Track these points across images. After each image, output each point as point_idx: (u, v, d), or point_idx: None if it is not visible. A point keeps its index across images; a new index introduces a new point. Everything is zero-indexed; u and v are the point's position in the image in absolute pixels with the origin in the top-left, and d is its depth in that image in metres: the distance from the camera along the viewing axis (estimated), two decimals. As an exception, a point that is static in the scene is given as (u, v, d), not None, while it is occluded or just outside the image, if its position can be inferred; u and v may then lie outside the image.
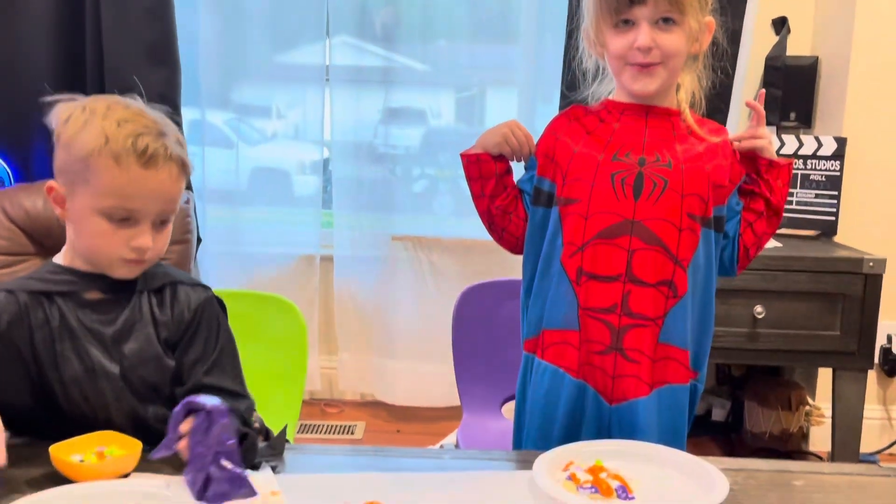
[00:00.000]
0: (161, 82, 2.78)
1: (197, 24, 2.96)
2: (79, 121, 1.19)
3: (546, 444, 1.37)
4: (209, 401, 1.10)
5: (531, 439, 1.44)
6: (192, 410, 1.10)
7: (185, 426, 1.09)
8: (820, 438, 2.84)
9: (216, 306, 1.31)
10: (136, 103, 1.24)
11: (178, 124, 2.83)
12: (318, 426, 3.01)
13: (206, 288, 1.32)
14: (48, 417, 1.24)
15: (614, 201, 1.34)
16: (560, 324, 1.39)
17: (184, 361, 1.26)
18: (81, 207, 1.20)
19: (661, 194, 1.34)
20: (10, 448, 1.19)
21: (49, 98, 1.23)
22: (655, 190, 1.34)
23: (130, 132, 1.17)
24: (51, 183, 1.23)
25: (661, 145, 1.36)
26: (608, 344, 1.36)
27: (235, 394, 1.25)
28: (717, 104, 2.65)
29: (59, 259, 1.28)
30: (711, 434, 2.96)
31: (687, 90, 1.40)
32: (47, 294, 1.24)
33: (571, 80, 1.53)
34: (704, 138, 1.39)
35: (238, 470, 1.05)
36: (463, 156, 1.47)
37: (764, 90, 1.52)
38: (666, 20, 1.30)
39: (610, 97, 1.43)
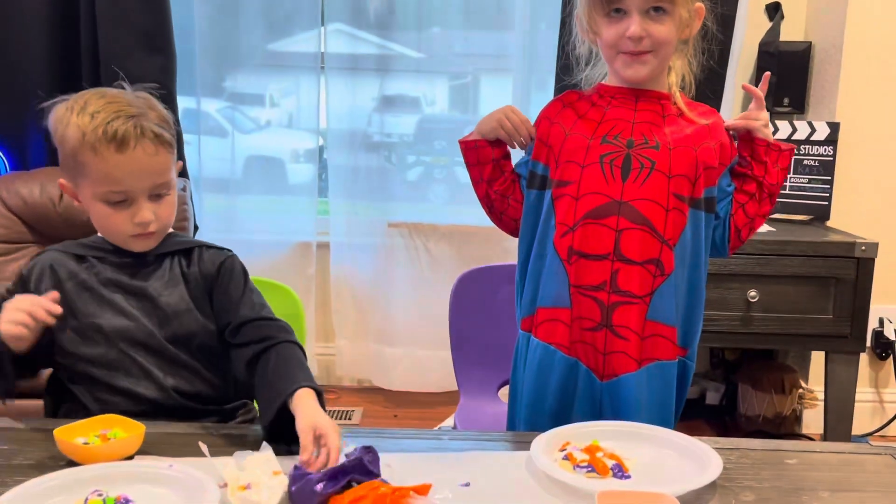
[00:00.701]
0: (156, 70, 2.77)
1: (191, 12, 2.95)
2: (63, 120, 1.27)
3: (537, 419, 1.40)
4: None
5: (523, 415, 1.46)
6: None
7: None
8: (813, 421, 2.87)
9: (239, 262, 1.41)
10: (115, 91, 1.31)
11: (174, 110, 2.82)
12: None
13: (228, 250, 1.42)
14: (66, 376, 1.32)
15: (603, 183, 1.37)
16: (552, 302, 1.41)
17: (222, 308, 1.35)
18: (85, 198, 1.30)
19: (647, 176, 1.36)
20: (14, 431, 1.22)
21: (46, 104, 1.30)
22: (643, 172, 1.36)
23: (101, 121, 1.24)
24: (60, 180, 1.32)
25: (650, 128, 1.38)
26: (598, 321, 1.38)
27: (276, 320, 1.35)
28: (711, 89, 2.67)
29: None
30: (706, 417, 2.98)
31: (677, 73, 1.42)
32: (81, 256, 1.33)
33: (566, 64, 1.54)
34: (694, 121, 1.41)
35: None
36: (461, 142, 1.50)
37: (769, 72, 1.52)
38: (657, 9, 1.32)
39: (603, 81, 1.45)
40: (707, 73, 1.50)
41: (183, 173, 2.85)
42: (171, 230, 1.38)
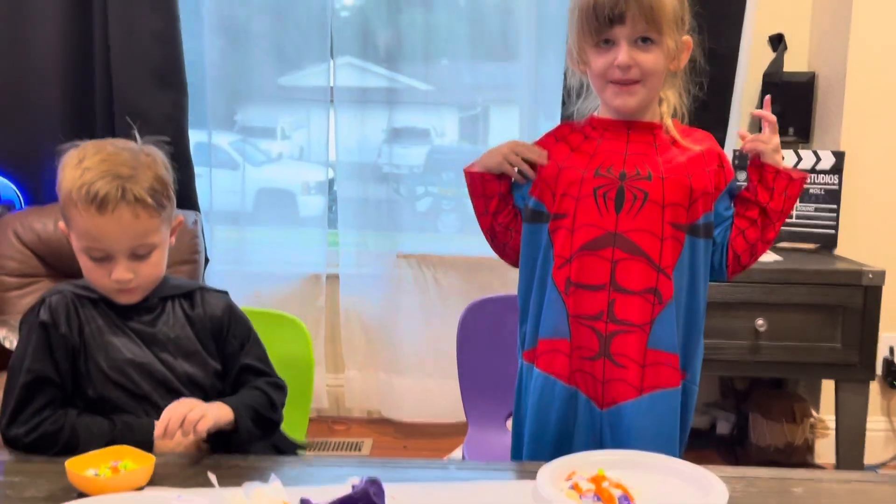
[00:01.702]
0: (168, 105, 2.82)
1: (203, 47, 2.99)
2: (63, 169, 1.30)
3: (540, 449, 1.40)
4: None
5: (526, 446, 1.46)
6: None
7: None
8: (825, 451, 2.84)
9: (237, 308, 1.44)
10: (118, 145, 1.32)
11: (185, 146, 2.86)
12: (326, 443, 3.01)
13: (226, 293, 1.45)
14: (84, 405, 1.33)
15: (597, 215, 1.39)
16: (552, 333, 1.43)
17: (226, 353, 1.39)
18: (74, 246, 1.32)
19: (641, 206, 1.38)
20: (26, 463, 1.23)
21: (63, 145, 1.32)
22: (636, 203, 1.38)
23: (87, 180, 1.25)
24: (60, 224, 1.34)
25: (642, 159, 1.40)
26: (596, 350, 1.40)
27: (273, 377, 1.41)
28: (716, 119, 2.68)
29: None
30: (716, 447, 2.95)
31: (669, 104, 1.44)
32: (91, 299, 1.34)
33: (569, 95, 1.56)
34: (688, 148, 1.42)
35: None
36: (466, 172, 1.51)
37: (770, 96, 1.52)
38: (644, 39, 1.35)
39: (595, 114, 1.47)
40: (711, 104, 1.52)
41: (193, 206, 2.88)
42: (165, 275, 1.39)
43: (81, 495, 1.11)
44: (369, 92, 3.10)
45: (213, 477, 1.13)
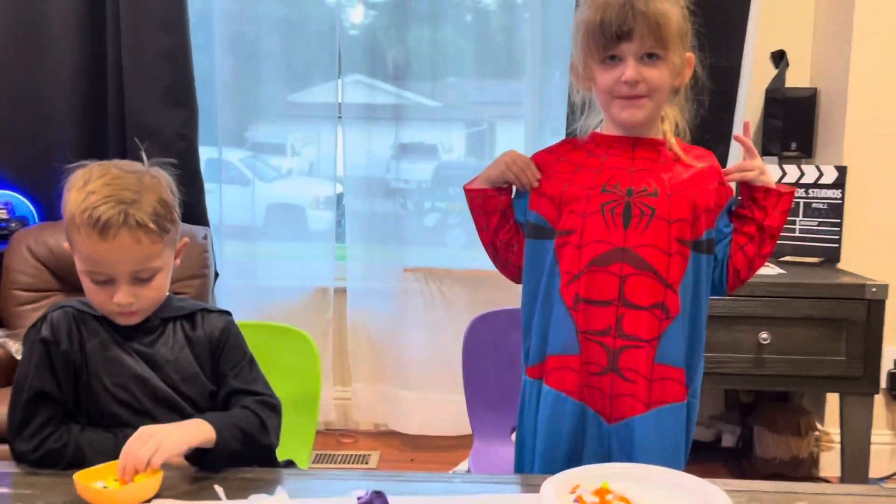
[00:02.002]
0: (179, 122, 2.84)
1: (213, 65, 3.01)
2: (68, 190, 1.27)
3: (551, 466, 1.39)
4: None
5: (537, 462, 1.45)
6: None
7: None
8: (830, 464, 2.82)
9: (237, 327, 1.41)
10: (122, 168, 1.29)
11: (195, 162, 2.87)
12: (334, 456, 3.00)
13: (227, 313, 1.42)
14: (87, 420, 1.31)
15: (605, 231, 1.38)
16: (561, 349, 1.42)
17: (218, 373, 1.37)
18: (77, 267, 1.29)
19: (649, 222, 1.37)
20: (36, 475, 1.23)
21: (71, 165, 1.30)
22: (644, 219, 1.37)
23: (90, 204, 1.22)
24: (65, 244, 1.32)
25: (648, 175, 1.39)
26: (605, 365, 1.39)
27: (264, 395, 1.36)
28: (719, 135, 2.68)
29: None
30: (722, 461, 2.94)
31: (671, 121, 1.43)
32: (94, 316, 1.32)
33: (573, 111, 1.56)
34: (691, 164, 1.42)
35: None
36: (467, 189, 1.50)
37: (748, 121, 1.55)
38: (650, 55, 1.34)
39: (598, 130, 1.47)
40: (714, 120, 1.52)
41: (203, 221, 2.89)
42: (169, 296, 1.37)
43: (92, 508, 1.11)
44: (377, 108, 3.11)
45: (220, 490, 1.13)
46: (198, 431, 1.23)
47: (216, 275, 2.93)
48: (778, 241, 1.49)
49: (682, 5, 1.38)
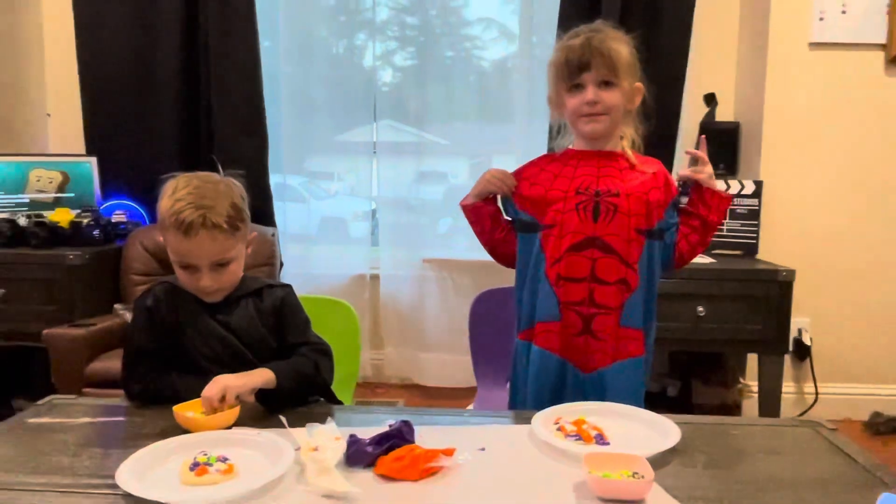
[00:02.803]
0: (252, 149, 2.84)
1: (280, 113, 3.02)
2: (161, 198, 1.24)
3: (540, 405, 1.35)
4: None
5: (529, 403, 1.42)
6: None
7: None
8: (750, 410, 2.77)
9: (295, 296, 1.38)
10: (204, 178, 1.25)
11: (265, 183, 2.86)
12: (370, 402, 2.98)
13: (287, 285, 1.39)
14: (182, 369, 1.28)
15: (579, 224, 1.36)
16: (545, 317, 1.39)
17: (280, 332, 1.33)
18: (170, 257, 1.26)
19: (613, 216, 1.35)
20: (143, 408, 1.21)
21: (164, 176, 1.27)
22: (609, 214, 1.35)
23: (177, 210, 1.19)
24: (159, 237, 1.27)
25: (612, 180, 1.37)
26: (580, 328, 1.36)
27: (317, 343, 1.33)
28: (667, 154, 2.68)
29: None
30: (667, 408, 2.85)
31: (628, 138, 1.42)
32: (187, 292, 1.29)
33: (551, 148, 1.53)
34: (643, 171, 1.40)
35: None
36: (462, 206, 1.50)
37: (704, 136, 1.54)
38: (606, 83, 1.34)
39: (570, 146, 1.45)
40: (661, 147, 1.50)
41: (272, 223, 2.88)
42: (243, 276, 1.33)
43: (185, 431, 1.09)
44: (403, 145, 3.10)
45: (283, 419, 1.10)
46: (260, 376, 1.20)
47: (281, 264, 2.92)
48: (713, 237, 1.46)
49: (631, 45, 1.38)
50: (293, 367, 1.26)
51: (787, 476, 1.01)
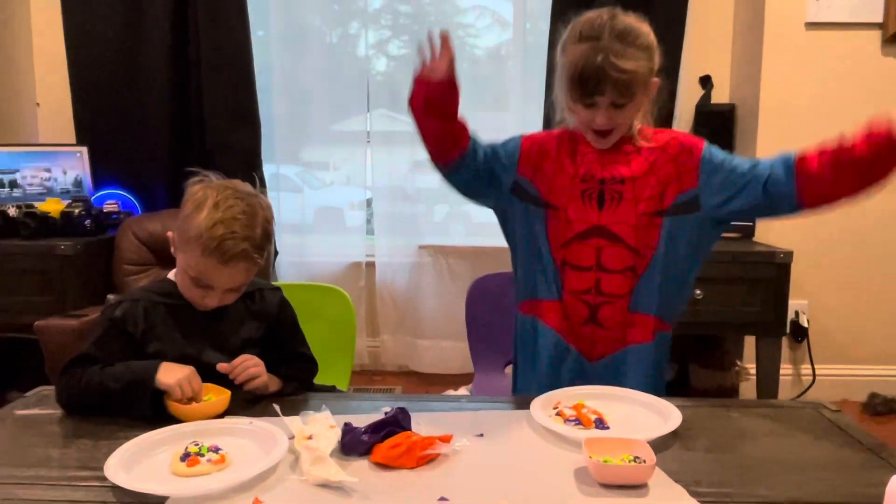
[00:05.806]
0: (246, 138, 2.79)
1: (273, 103, 2.98)
2: (193, 205, 1.14)
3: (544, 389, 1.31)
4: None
5: (535, 385, 1.36)
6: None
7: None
8: (747, 392, 2.76)
9: (287, 301, 1.33)
10: (244, 197, 1.15)
11: (260, 174, 2.83)
12: (366, 390, 2.95)
13: (278, 289, 1.33)
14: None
15: (584, 211, 1.31)
16: (550, 297, 1.35)
17: (274, 339, 1.28)
18: (179, 259, 1.18)
19: (618, 204, 1.30)
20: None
21: (196, 177, 1.18)
22: (614, 201, 1.30)
23: (220, 235, 1.10)
24: (170, 233, 1.20)
25: (616, 167, 1.31)
26: (586, 317, 1.32)
27: (309, 357, 1.32)
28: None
29: (171, 275, 1.25)
30: (664, 391, 2.86)
31: (637, 123, 1.33)
32: (165, 305, 1.21)
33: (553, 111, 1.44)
34: (653, 148, 1.31)
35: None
36: (410, 102, 1.31)
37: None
38: (619, 105, 1.24)
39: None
40: (657, 126, 1.42)
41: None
42: None
43: (176, 420, 1.06)
44: (397, 134, 3.05)
45: (277, 407, 1.07)
46: (272, 382, 1.18)
47: (276, 252, 2.89)
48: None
49: (650, 38, 1.24)
50: (296, 377, 1.25)
51: (791, 458, 0.99)
